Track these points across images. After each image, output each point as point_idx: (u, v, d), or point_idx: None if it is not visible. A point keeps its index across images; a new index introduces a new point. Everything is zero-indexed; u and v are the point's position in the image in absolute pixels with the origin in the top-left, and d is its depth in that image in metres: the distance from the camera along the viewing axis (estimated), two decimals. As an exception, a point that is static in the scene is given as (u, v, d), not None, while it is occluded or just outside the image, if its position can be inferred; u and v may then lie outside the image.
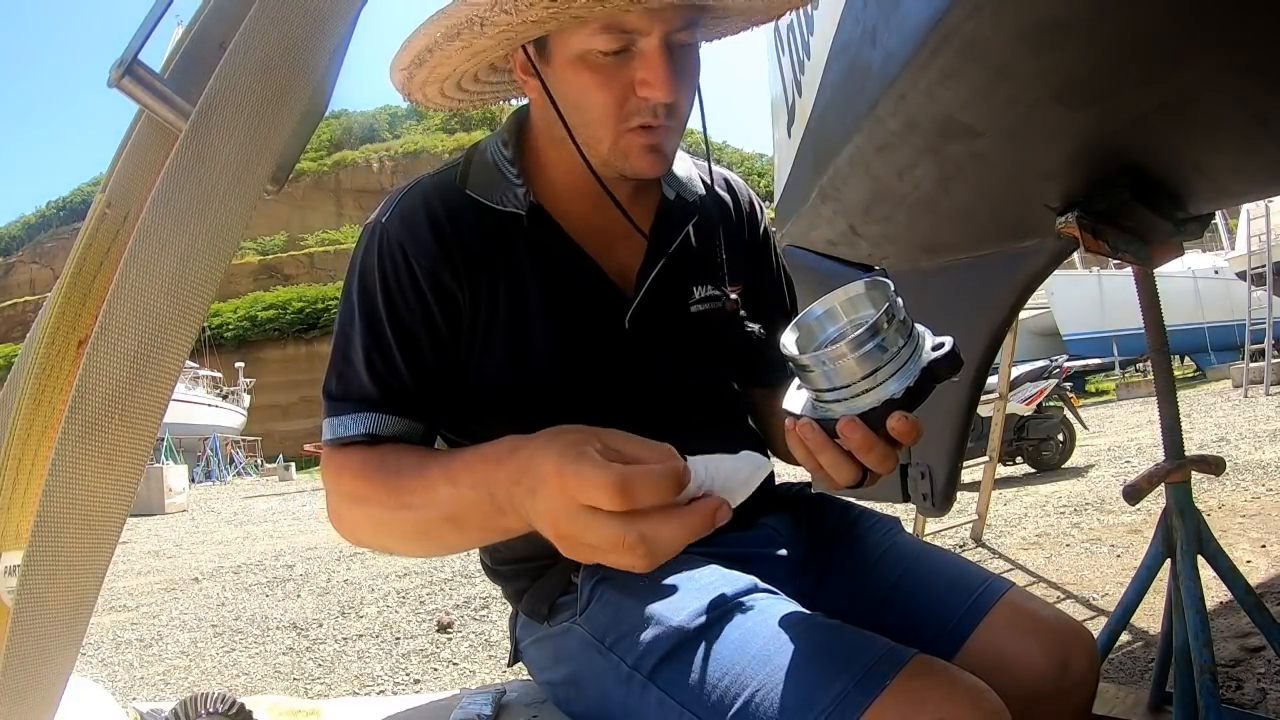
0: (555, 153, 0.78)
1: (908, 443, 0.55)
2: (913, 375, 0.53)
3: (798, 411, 0.58)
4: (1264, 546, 2.94)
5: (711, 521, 0.49)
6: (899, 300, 0.55)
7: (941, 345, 0.55)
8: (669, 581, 0.69)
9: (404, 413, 0.72)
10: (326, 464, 0.71)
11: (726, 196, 0.91)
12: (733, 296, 0.84)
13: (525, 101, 0.81)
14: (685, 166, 0.87)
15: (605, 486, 0.48)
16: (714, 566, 0.71)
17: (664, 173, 0.75)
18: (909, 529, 1.98)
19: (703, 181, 0.87)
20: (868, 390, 0.54)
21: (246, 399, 35.82)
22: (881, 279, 0.58)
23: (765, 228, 0.94)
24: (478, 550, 0.89)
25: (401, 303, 0.73)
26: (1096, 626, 2.03)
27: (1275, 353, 9.30)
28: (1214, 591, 1.64)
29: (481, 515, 0.60)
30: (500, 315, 0.75)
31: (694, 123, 0.83)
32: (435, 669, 2.86)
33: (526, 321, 0.75)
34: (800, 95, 1.46)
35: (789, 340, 0.58)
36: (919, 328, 0.57)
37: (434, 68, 0.71)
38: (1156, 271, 1.48)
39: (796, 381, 0.60)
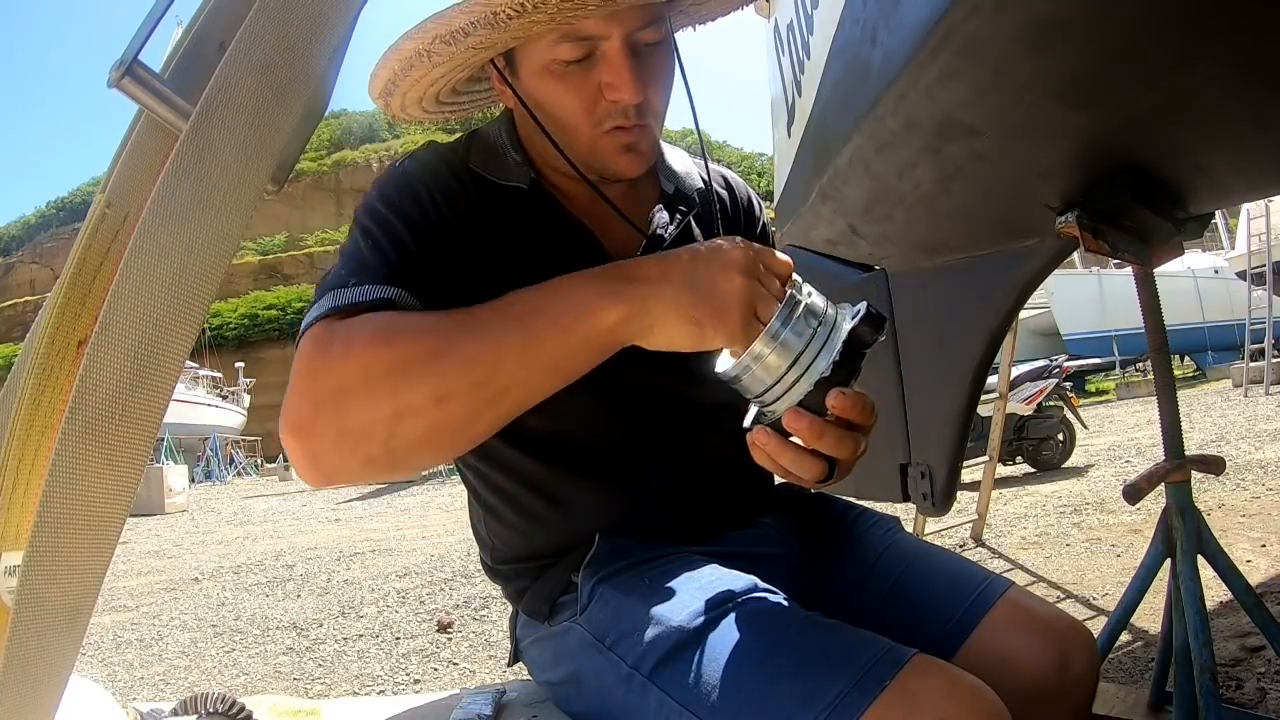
0: (539, 153, 0.78)
1: (855, 418, 0.55)
2: (835, 349, 0.54)
3: (750, 424, 0.60)
4: (1264, 546, 2.94)
5: None
6: (797, 286, 0.57)
7: (858, 312, 0.56)
8: (668, 582, 0.69)
9: (421, 296, 0.63)
10: (314, 338, 0.58)
11: (724, 192, 0.91)
12: None
13: None
14: (683, 162, 0.87)
15: (788, 262, 0.60)
16: (714, 566, 0.71)
17: (643, 171, 0.75)
18: (909, 529, 1.98)
19: (700, 177, 0.87)
20: (798, 378, 0.55)
21: (246, 399, 35.83)
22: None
23: (764, 224, 0.95)
24: (478, 550, 0.89)
25: (421, 219, 0.69)
26: (1096, 626, 2.03)
27: (1275, 352, 9.30)
28: (1214, 591, 1.64)
29: (572, 303, 0.57)
30: (504, 278, 0.75)
31: (687, 121, 0.83)
32: (435, 669, 2.86)
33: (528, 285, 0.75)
34: (800, 95, 1.46)
35: (721, 359, 0.59)
36: (834, 305, 0.58)
37: (404, 94, 0.73)
38: (1156, 271, 1.48)
39: (746, 403, 0.61)
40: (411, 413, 0.54)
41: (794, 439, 0.56)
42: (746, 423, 0.61)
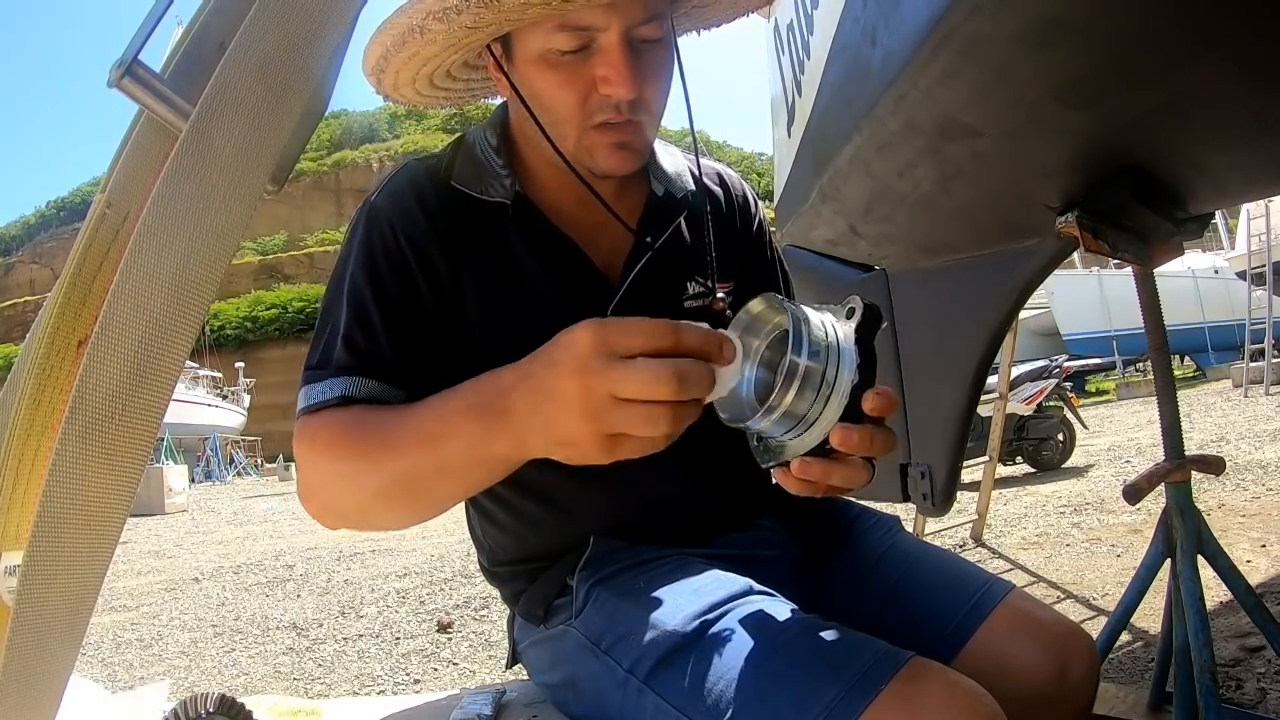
0: (533, 148, 0.77)
1: (892, 412, 0.54)
2: (852, 356, 0.53)
3: (783, 459, 0.56)
4: (1264, 546, 2.94)
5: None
6: (790, 306, 0.54)
7: (852, 309, 0.54)
8: (664, 584, 0.69)
9: (382, 379, 0.69)
10: (299, 435, 0.68)
11: (718, 190, 0.90)
12: (720, 295, 0.82)
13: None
14: (675, 162, 0.86)
15: (652, 325, 0.50)
16: (710, 569, 0.71)
17: (633, 170, 0.74)
18: (909, 529, 1.98)
19: (693, 176, 0.86)
20: (828, 398, 0.52)
21: (246, 399, 35.81)
22: (771, 297, 0.56)
23: (760, 221, 0.93)
24: (476, 551, 0.89)
25: (388, 275, 0.71)
26: (1096, 626, 2.03)
27: (1275, 352, 9.30)
28: (1214, 591, 1.64)
29: (467, 437, 0.58)
30: (488, 299, 0.75)
31: (686, 121, 0.82)
32: (435, 669, 2.86)
33: (514, 305, 0.75)
34: (800, 95, 1.46)
35: (729, 416, 0.56)
36: (819, 312, 0.55)
37: (396, 72, 0.72)
38: (1156, 271, 1.48)
39: (756, 441, 0.58)
40: (370, 503, 0.65)
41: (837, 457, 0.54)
42: (774, 459, 0.57)
